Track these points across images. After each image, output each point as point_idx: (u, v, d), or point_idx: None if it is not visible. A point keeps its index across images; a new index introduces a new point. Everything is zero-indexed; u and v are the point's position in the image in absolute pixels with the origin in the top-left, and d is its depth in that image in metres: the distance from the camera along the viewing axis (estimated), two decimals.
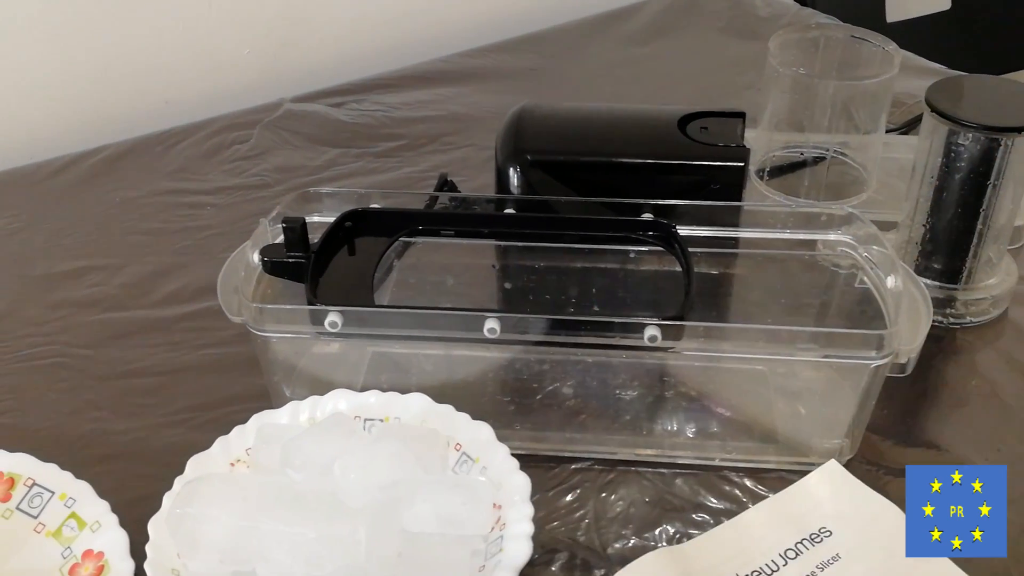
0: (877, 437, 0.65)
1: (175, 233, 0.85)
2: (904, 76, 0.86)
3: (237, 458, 0.59)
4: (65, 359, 0.72)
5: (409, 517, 0.53)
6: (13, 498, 0.58)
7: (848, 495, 0.59)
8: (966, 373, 0.71)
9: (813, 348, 0.58)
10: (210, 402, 0.68)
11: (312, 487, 0.54)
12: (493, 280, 0.71)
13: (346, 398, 0.61)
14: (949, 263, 0.73)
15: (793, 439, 0.64)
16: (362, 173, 0.91)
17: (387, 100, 1.03)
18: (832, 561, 0.56)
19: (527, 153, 0.71)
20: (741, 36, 1.13)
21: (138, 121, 1.00)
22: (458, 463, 0.58)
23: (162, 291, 0.78)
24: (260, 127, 0.98)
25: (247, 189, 0.90)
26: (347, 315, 0.58)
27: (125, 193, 0.90)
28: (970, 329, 0.73)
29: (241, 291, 0.60)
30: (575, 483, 0.62)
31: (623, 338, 0.57)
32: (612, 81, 1.07)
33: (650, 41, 1.14)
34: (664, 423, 0.65)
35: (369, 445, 0.56)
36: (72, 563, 0.55)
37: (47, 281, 0.80)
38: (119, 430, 0.67)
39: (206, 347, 0.73)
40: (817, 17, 1.14)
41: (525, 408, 0.66)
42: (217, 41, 1.03)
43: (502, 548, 0.53)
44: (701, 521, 0.60)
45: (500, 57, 1.10)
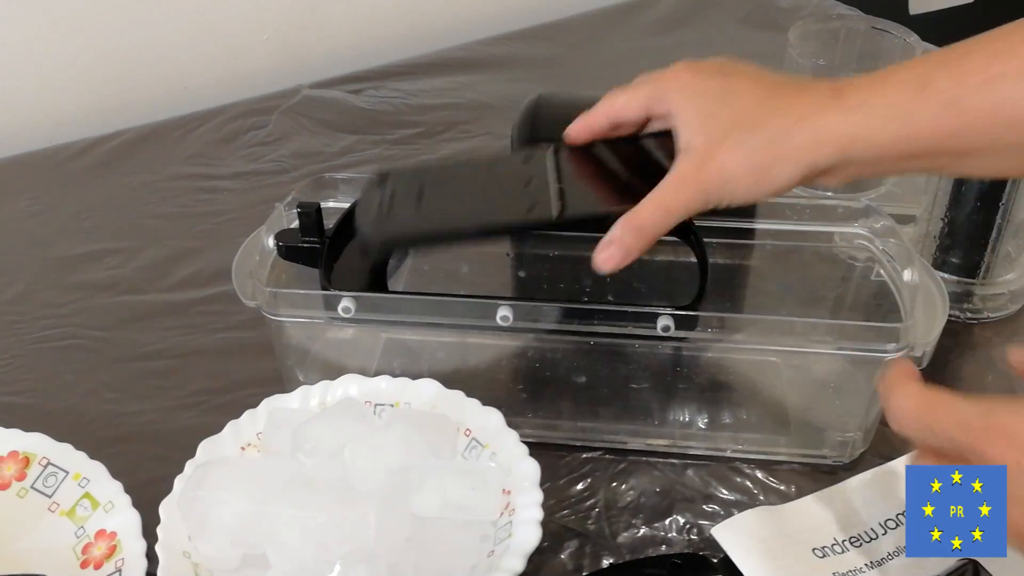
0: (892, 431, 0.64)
1: (192, 217, 0.85)
2: None
3: (248, 442, 0.59)
4: (81, 341, 0.73)
5: (418, 502, 0.53)
6: (28, 477, 0.59)
7: None
8: (983, 368, 0.70)
9: (827, 340, 0.58)
10: (224, 386, 0.68)
11: (322, 471, 0.55)
12: (507, 268, 0.71)
13: (357, 383, 0.61)
14: (967, 257, 0.72)
15: (806, 432, 0.64)
16: (379, 160, 0.92)
17: (405, 87, 1.03)
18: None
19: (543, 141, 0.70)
20: (761, 26, 1.12)
21: (157, 106, 1.00)
22: (468, 449, 0.58)
23: (178, 275, 0.79)
24: (278, 113, 0.98)
25: (264, 175, 0.90)
26: (360, 301, 0.58)
27: (143, 177, 0.90)
28: (987, 324, 0.73)
29: (256, 276, 0.60)
30: (586, 472, 0.62)
31: (636, 327, 0.57)
32: (630, 71, 1.05)
33: (670, 31, 1.13)
34: (676, 413, 0.65)
35: (379, 430, 0.56)
36: (85, 542, 0.56)
37: (64, 263, 0.80)
38: (133, 412, 0.67)
39: (220, 331, 0.73)
40: (838, 8, 1.14)
41: (537, 396, 0.66)
42: (236, 27, 1.04)
43: (511, 533, 0.53)
44: (711, 512, 0.60)
45: (518, 46, 1.10)
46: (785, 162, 0.50)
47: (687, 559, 0.57)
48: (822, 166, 0.50)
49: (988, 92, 0.46)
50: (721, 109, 0.51)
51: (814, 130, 0.49)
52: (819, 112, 0.49)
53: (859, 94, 0.49)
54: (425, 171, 0.62)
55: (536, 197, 0.56)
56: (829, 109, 0.49)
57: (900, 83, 0.48)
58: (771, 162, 0.50)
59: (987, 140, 0.47)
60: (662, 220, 0.51)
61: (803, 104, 0.50)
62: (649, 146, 0.56)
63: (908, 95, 0.48)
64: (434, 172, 0.62)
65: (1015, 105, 0.46)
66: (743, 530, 0.56)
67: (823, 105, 0.49)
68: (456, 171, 0.62)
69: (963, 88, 0.47)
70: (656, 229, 0.52)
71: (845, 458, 0.63)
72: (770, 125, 0.50)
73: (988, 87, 0.46)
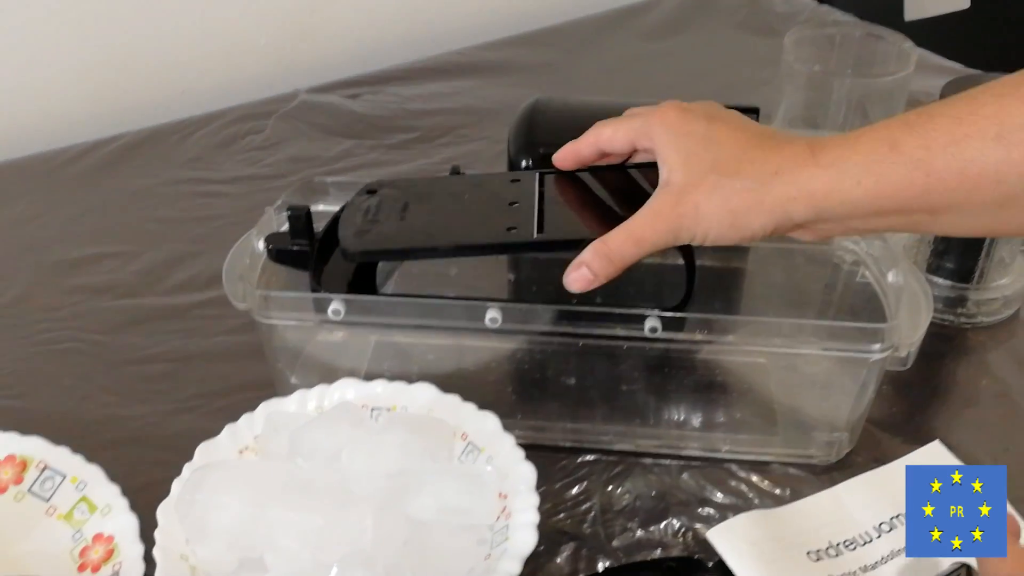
0: (886, 435, 0.65)
1: (190, 221, 0.86)
2: (921, 75, 0.86)
3: (246, 445, 0.59)
4: (79, 344, 0.73)
5: (415, 505, 0.54)
6: (25, 481, 0.59)
7: None
8: (977, 372, 0.70)
9: (813, 341, 0.58)
10: (221, 389, 0.69)
11: (319, 475, 0.55)
12: (497, 270, 0.72)
13: (354, 387, 0.61)
14: (962, 262, 0.73)
15: (793, 432, 0.64)
16: (376, 164, 0.92)
17: (402, 92, 1.03)
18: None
19: (539, 146, 0.71)
20: (758, 32, 1.13)
21: (155, 110, 1.00)
22: (464, 452, 0.58)
23: (176, 279, 0.79)
24: (275, 117, 0.98)
25: (261, 179, 0.90)
26: (350, 303, 0.58)
27: (141, 181, 0.91)
28: (982, 329, 0.73)
29: (246, 278, 0.60)
30: (582, 475, 0.63)
31: (624, 329, 0.57)
32: (627, 76, 1.07)
33: (666, 36, 1.14)
34: (664, 414, 0.65)
35: (376, 434, 0.56)
36: (83, 546, 0.56)
37: (62, 267, 0.81)
38: (130, 415, 0.67)
39: (218, 335, 0.73)
40: (834, 14, 1.14)
41: (527, 398, 0.66)
42: (234, 31, 1.04)
43: (508, 537, 0.53)
44: (707, 515, 0.60)
45: (516, 51, 1.10)
46: (759, 211, 0.51)
47: (682, 562, 0.57)
48: (796, 219, 0.52)
49: (954, 153, 0.47)
50: (703, 151, 0.53)
51: (789, 184, 0.51)
52: (796, 167, 0.51)
53: (833, 152, 0.50)
54: (414, 185, 0.63)
55: (517, 218, 0.57)
56: (805, 165, 0.51)
57: (872, 142, 0.50)
58: (745, 210, 0.51)
59: (957, 199, 0.48)
60: (632, 250, 0.53)
61: (781, 158, 0.51)
62: (635, 176, 0.58)
63: (879, 155, 0.49)
64: (422, 186, 0.63)
65: (981, 166, 0.47)
66: (738, 533, 0.57)
67: (800, 160, 0.51)
68: (444, 187, 0.63)
69: (930, 150, 0.48)
70: (625, 259, 0.53)
71: (832, 458, 0.63)
72: (748, 174, 0.51)
73: (954, 148, 0.48)
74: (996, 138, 0.46)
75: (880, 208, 0.50)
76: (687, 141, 0.53)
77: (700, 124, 0.54)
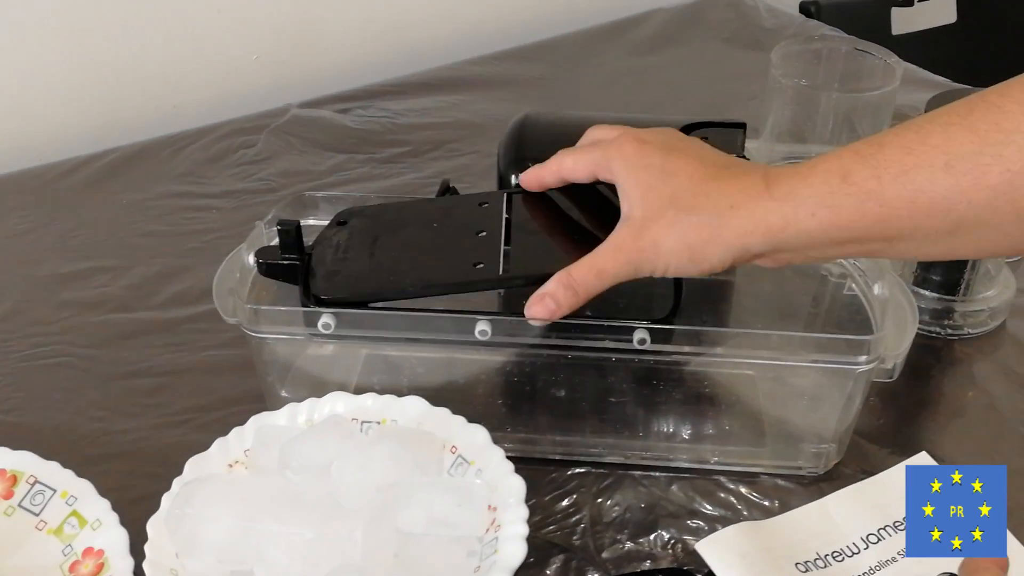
0: (874, 446, 0.65)
1: (181, 236, 0.86)
2: (907, 89, 0.87)
3: (235, 459, 0.60)
4: (70, 359, 0.73)
5: (405, 518, 0.54)
6: (15, 495, 0.59)
7: None
8: (963, 384, 0.71)
9: (801, 353, 0.59)
10: (212, 403, 0.69)
11: (310, 488, 0.55)
12: None
13: (343, 400, 0.61)
14: (948, 275, 0.73)
15: (781, 443, 0.65)
16: (367, 178, 0.92)
17: (393, 106, 1.03)
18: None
19: (529, 160, 0.71)
20: (746, 47, 1.13)
21: (147, 125, 1.01)
22: (454, 465, 0.58)
23: (167, 293, 0.79)
24: (267, 132, 0.99)
25: (253, 193, 0.91)
26: (340, 317, 0.58)
27: (132, 195, 0.91)
28: (968, 341, 0.74)
29: (236, 293, 0.60)
30: (571, 488, 0.63)
31: (613, 341, 0.58)
32: (617, 90, 1.08)
33: (656, 51, 1.14)
34: (653, 426, 0.66)
35: (366, 447, 0.56)
36: (72, 560, 0.56)
37: (54, 281, 0.81)
38: (121, 430, 0.67)
39: (209, 348, 0.73)
40: (822, 29, 1.15)
41: (516, 410, 0.67)
42: (226, 46, 1.04)
43: (497, 549, 0.53)
44: (696, 527, 0.60)
45: (506, 65, 1.11)
46: (717, 244, 0.52)
47: (672, 574, 0.57)
48: (753, 251, 0.53)
49: (904, 183, 0.48)
50: (661, 185, 0.54)
51: (745, 218, 0.52)
52: (751, 200, 0.52)
53: (787, 184, 0.51)
54: (384, 212, 0.65)
55: (483, 252, 0.59)
56: (760, 198, 0.52)
57: (824, 174, 0.51)
58: (703, 244, 0.52)
59: (911, 227, 0.49)
60: (594, 282, 0.55)
61: (736, 191, 0.52)
62: (604, 194, 0.59)
63: (832, 187, 0.50)
64: (392, 213, 0.65)
65: (931, 196, 0.48)
66: (727, 545, 0.57)
67: (754, 193, 0.52)
68: (413, 214, 0.65)
69: (881, 181, 0.49)
70: (588, 291, 0.55)
71: (820, 469, 0.63)
72: (704, 208, 0.52)
73: (904, 178, 0.48)
74: (945, 167, 0.47)
75: (836, 238, 0.51)
76: (645, 175, 0.54)
77: (657, 157, 0.55)
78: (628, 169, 0.55)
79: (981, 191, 0.47)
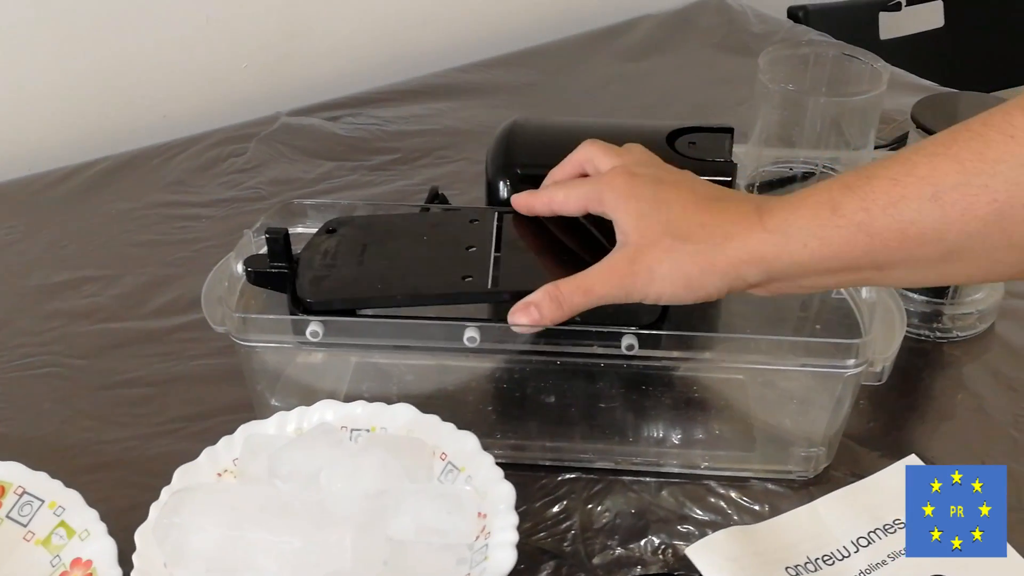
0: (864, 449, 0.66)
1: (171, 245, 0.86)
2: (895, 93, 0.87)
3: (224, 468, 0.59)
4: (58, 369, 0.73)
5: (395, 526, 0.54)
6: (3, 506, 0.59)
7: None
8: (953, 387, 0.71)
9: (790, 357, 0.59)
10: (200, 412, 0.68)
11: (299, 497, 0.55)
12: None
13: (332, 408, 0.61)
14: None
15: (771, 447, 0.65)
16: (356, 186, 0.92)
17: (382, 114, 1.04)
18: (904, 552, 0.57)
19: (517, 167, 0.71)
20: (735, 52, 1.14)
21: (136, 134, 1.01)
22: (443, 473, 0.58)
23: (156, 302, 0.79)
24: (256, 140, 0.99)
25: (242, 202, 0.91)
26: (329, 325, 0.58)
27: (122, 205, 0.91)
28: (957, 343, 0.74)
29: (225, 301, 0.60)
30: (562, 494, 0.63)
31: (602, 347, 0.58)
32: (606, 96, 1.08)
33: (644, 57, 1.15)
34: (642, 431, 0.66)
35: (355, 455, 0.56)
36: (61, 571, 0.56)
37: (43, 291, 0.81)
38: (110, 440, 0.67)
39: (198, 358, 0.73)
40: (810, 34, 1.15)
41: (506, 416, 0.67)
42: (215, 55, 1.04)
43: (487, 556, 0.53)
44: (686, 532, 0.60)
45: (495, 72, 1.11)
46: (712, 274, 0.53)
47: None
48: (749, 280, 0.53)
49: (893, 214, 0.49)
50: (655, 212, 0.54)
51: (739, 249, 0.52)
52: (744, 231, 0.53)
53: (779, 215, 0.52)
54: (374, 222, 0.65)
55: (472, 266, 0.60)
56: (753, 229, 0.52)
57: (815, 206, 0.51)
58: (699, 273, 0.53)
59: (901, 256, 0.50)
60: (581, 300, 0.55)
61: (730, 222, 0.53)
62: (595, 220, 0.59)
63: (822, 219, 0.51)
64: (382, 224, 0.65)
65: (920, 227, 0.48)
66: (717, 550, 0.57)
67: (748, 224, 0.53)
68: (403, 226, 0.65)
69: (870, 212, 0.49)
70: (572, 306, 0.55)
71: (810, 473, 0.64)
72: (700, 238, 0.53)
73: (892, 210, 0.49)
74: (932, 198, 0.48)
75: (828, 267, 0.52)
76: (637, 204, 0.55)
77: (648, 188, 0.55)
78: (620, 200, 0.55)
79: (970, 221, 0.47)
